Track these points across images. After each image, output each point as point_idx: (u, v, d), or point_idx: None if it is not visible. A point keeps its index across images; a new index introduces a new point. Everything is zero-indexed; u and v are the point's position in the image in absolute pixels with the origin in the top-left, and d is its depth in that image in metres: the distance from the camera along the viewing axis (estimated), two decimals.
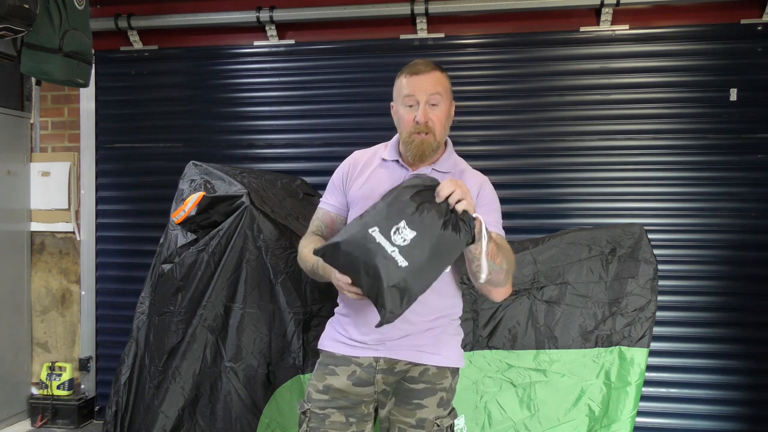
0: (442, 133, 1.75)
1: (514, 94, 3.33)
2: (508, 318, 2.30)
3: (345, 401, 1.75)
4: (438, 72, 1.75)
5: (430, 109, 1.71)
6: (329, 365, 1.79)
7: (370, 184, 1.79)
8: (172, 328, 2.42)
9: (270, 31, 3.48)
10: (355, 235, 1.50)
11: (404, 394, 1.74)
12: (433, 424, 1.72)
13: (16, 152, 3.70)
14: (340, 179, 1.87)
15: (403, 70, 1.77)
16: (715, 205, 3.17)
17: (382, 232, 1.48)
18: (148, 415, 2.42)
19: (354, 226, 1.54)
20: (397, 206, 1.49)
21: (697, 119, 3.18)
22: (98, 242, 3.75)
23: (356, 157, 1.88)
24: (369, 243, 1.48)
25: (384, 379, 1.74)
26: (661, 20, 3.21)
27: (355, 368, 1.75)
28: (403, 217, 1.47)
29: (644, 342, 2.24)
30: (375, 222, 1.49)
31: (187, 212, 2.37)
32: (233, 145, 3.60)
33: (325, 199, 1.91)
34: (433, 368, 1.74)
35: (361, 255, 1.48)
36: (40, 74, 2.90)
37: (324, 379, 1.77)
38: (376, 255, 1.47)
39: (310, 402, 1.77)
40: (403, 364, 1.74)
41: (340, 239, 1.52)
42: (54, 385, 3.63)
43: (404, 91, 1.74)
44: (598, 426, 2.24)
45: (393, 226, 1.48)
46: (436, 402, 1.74)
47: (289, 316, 2.35)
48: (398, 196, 1.51)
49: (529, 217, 3.31)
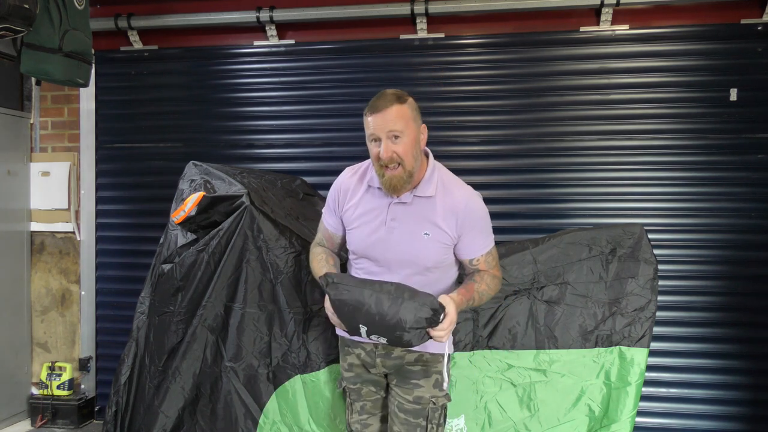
0: (412, 162, 1.82)
1: (514, 94, 3.33)
2: (508, 318, 2.30)
3: (366, 375, 2.04)
4: (396, 105, 1.79)
5: (392, 144, 1.78)
6: (345, 346, 2.07)
7: (361, 209, 1.94)
8: (172, 328, 2.42)
9: (270, 31, 3.48)
10: (348, 308, 1.80)
11: (404, 375, 1.97)
12: (429, 402, 1.95)
13: (16, 152, 3.70)
14: (333, 202, 2.03)
15: (367, 106, 1.83)
16: (715, 205, 3.17)
17: (367, 331, 1.80)
18: (148, 415, 2.42)
19: (355, 297, 1.79)
20: (392, 330, 1.75)
21: (697, 119, 3.18)
22: (98, 242, 3.75)
23: (345, 180, 2.01)
24: (355, 323, 1.81)
25: (383, 362, 1.98)
26: (661, 20, 3.21)
27: (361, 351, 2.01)
28: (388, 336, 1.78)
29: (644, 342, 2.24)
30: (367, 323, 1.78)
31: (187, 212, 2.37)
32: (233, 145, 3.60)
33: (324, 215, 2.09)
34: (427, 354, 1.95)
35: (347, 317, 1.82)
36: (40, 74, 2.90)
37: (346, 360, 2.07)
38: (359, 331, 1.82)
39: (345, 380, 2.09)
40: (399, 350, 1.94)
41: (340, 297, 1.81)
42: (54, 385, 3.63)
43: (368, 129, 1.83)
44: (598, 426, 2.24)
45: (376, 335, 1.79)
46: (432, 383, 1.96)
47: (289, 316, 2.35)
48: (399, 322, 1.73)
49: (529, 217, 3.31)
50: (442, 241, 1.87)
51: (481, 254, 1.93)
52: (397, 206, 1.89)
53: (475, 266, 1.94)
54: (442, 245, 1.88)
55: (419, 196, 1.88)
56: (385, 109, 1.78)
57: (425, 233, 1.86)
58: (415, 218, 1.87)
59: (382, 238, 1.89)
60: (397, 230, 1.87)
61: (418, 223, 1.87)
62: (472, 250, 1.92)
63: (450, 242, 1.88)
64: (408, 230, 1.87)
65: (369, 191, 1.94)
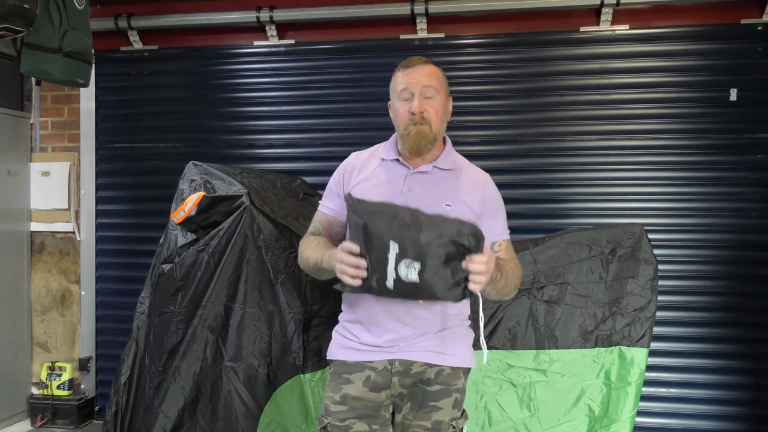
0: (439, 126, 1.73)
1: (514, 94, 3.33)
2: (508, 318, 2.30)
3: (364, 409, 1.71)
4: (432, 66, 1.76)
5: (425, 101, 1.70)
6: (343, 374, 1.73)
7: (373, 181, 1.76)
8: (172, 328, 2.42)
9: (270, 31, 3.48)
10: (379, 221, 1.50)
11: (420, 398, 1.71)
12: (449, 426, 1.70)
13: (16, 152, 3.70)
14: (336, 184, 1.84)
15: (399, 66, 1.78)
16: (715, 205, 3.17)
17: (398, 254, 1.49)
18: (148, 415, 2.42)
19: (387, 210, 1.52)
20: (428, 247, 1.48)
21: (697, 119, 3.18)
22: (98, 242, 3.75)
23: (352, 160, 1.85)
24: (384, 245, 1.50)
25: (400, 381, 1.71)
26: (661, 20, 3.21)
27: (370, 373, 1.71)
28: (422, 260, 1.49)
29: (644, 342, 2.24)
30: (400, 240, 1.49)
31: (187, 212, 2.37)
32: (233, 145, 3.60)
33: (324, 202, 1.88)
34: (448, 369, 1.71)
35: (375, 237, 1.50)
36: (40, 74, 2.90)
37: (340, 390, 1.72)
38: (387, 255, 1.50)
39: (330, 415, 1.73)
40: (418, 366, 1.70)
41: (369, 209, 1.53)
42: (54, 385, 3.63)
43: (399, 85, 1.74)
44: (598, 426, 2.24)
45: (409, 259, 1.49)
46: (451, 404, 1.71)
47: (289, 316, 2.35)
48: (439, 237, 1.48)
49: (529, 217, 3.31)
50: (465, 215, 1.64)
51: (504, 239, 1.77)
52: (416, 176, 1.73)
53: (497, 252, 1.75)
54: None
55: (439, 168, 1.75)
56: (421, 65, 1.73)
57: (447, 204, 1.68)
58: (435, 189, 1.72)
59: None
60: (414, 202, 1.62)
61: (439, 193, 1.71)
62: (495, 232, 1.75)
63: (473, 219, 1.67)
64: (427, 201, 1.64)
65: (382, 164, 1.78)
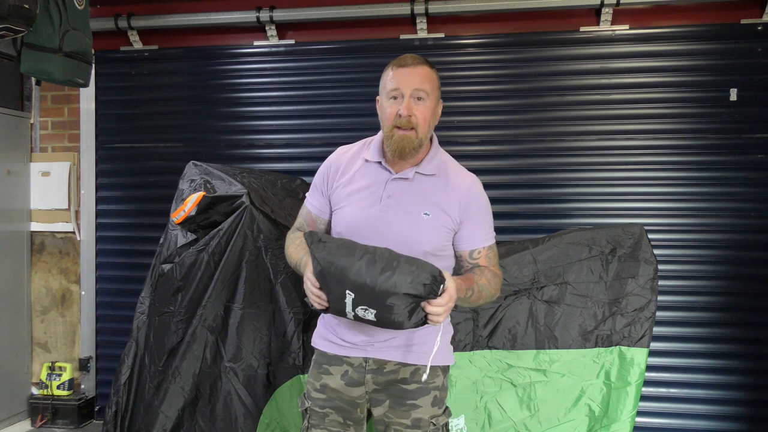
0: (426, 131, 1.69)
1: (514, 94, 3.33)
2: (508, 318, 2.30)
3: (341, 402, 1.77)
4: (426, 67, 1.70)
5: (414, 104, 1.65)
6: (323, 364, 1.80)
7: (354, 186, 1.75)
8: (172, 328, 2.43)
9: (270, 31, 3.48)
10: (335, 269, 1.53)
11: (398, 396, 1.73)
12: (429, 424, 1.72)
13: (16, 152, 3.70)
14: (321, 181, 1.82)
15: (391, 62, 1.72)
16: (715, 205, 3.17)
17: (354, 301, 1.53)
18: (148, 415, 2.42)
19: (344, 256, 1.54)
20: (383, 297, 1.49)
21: (697, 119, 3.17)
22: (98, 242, 3.75)
23: (338, 158, 1.83)
24: (341, 289, 1.54)
25: (374, 379, 1.74)
26: (661, 20, 3.21)
27: (347, 368, 1.75)
28: (378, 309, 1.51)
29: (644, 342, 2.24)
30: (356, 290, 1.52)
31: (187, 212, 2.37)
32: (233, 145, 3.59)
33: (308, 198, 1.87)
34: (424, 368, 1.69)
35: (332, 283, 1.56)
36: (40, 74, 2.90)
37: (320, 378, 1.79)
38: (344, 301, 1.55)
39: (310, 400, 1.80)
40: (392, 365, 1.73)
41: (326, 257, 1.55)
42: (54, 385, 3.63)
43: (389, 83, 1.68)
44: (598, 426, 2.24)
45: (365, 306, 1.53)
46: (430, 401, 1.73)
47: (289, 316, 2.35)
48: (394, 286, 1.48)
49: (529, 217, 3.30)
50: (443, 225, 1.69)
51: (483, 246, 1.75)
52: (396, 182, 1.71)
53: (476, 260, 1.75)
54: (444, 229, 1.70)
55: (421, 173, 1.72)
56: (415, 65, 1.68)
57: (425, 213, 1.68)
58: (415, 196, 1.70)
59: (374, 217, 1.68)
60: (393, 209, 1.67)
61: (418, 202, 1.69)
62: (474, 240, 1.74)
63: (452, 227, 1.71)
64: (406, 209, 1.68)
65: (365, 166, 1.76)
